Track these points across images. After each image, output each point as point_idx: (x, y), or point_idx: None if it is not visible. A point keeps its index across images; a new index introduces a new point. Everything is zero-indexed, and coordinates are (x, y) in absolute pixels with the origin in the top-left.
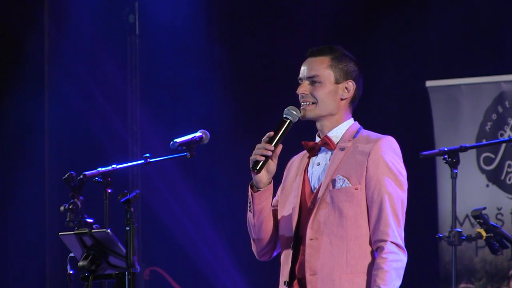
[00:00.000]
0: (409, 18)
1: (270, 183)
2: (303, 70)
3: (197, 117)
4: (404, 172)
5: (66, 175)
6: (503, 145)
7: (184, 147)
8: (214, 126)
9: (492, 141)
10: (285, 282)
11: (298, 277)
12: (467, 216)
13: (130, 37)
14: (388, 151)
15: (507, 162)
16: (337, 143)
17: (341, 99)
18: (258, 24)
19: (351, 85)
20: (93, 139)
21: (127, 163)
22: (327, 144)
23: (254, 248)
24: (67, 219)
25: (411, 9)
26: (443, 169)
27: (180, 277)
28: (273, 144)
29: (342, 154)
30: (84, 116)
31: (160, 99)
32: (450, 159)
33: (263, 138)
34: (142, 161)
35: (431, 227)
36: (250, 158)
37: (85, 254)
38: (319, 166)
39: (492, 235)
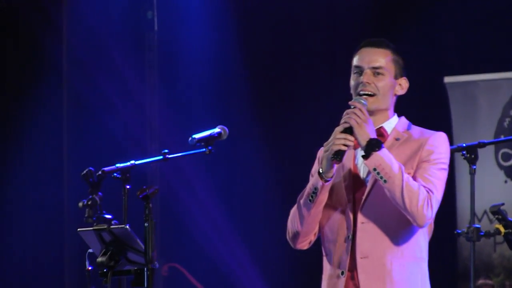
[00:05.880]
0: (426, 13)
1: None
2: (364, 59)
3: (216, 112)
4: (447, 169)
5: (84, 171)
6: None
7: (202, 143)
8: (233, 122)
9: (511, 137)
10: (342, 272)
11: (349, 260)
12: (485, 212)
13: (148, 33)
14: (442, 145)
15: None
16: (390, 133)
17: (395, 95)
18: (277, 20)
19: (404, 82)
20: (111, 135)
21: (145, 159)
22: (382, 135)
23: (294, 238)
24: (86, 215)
25: (429, 5)
26: (461, 165)
27: (198, 273)
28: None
29: (397, 143)
30: (102, 112)
31: (179, 95)
32: (468, 155)
33: (336, 128)
34: (161, 157)
35: (449, 223)
36: (331, 147)
37: (104, 250)
38: None
39: (510, 231)
